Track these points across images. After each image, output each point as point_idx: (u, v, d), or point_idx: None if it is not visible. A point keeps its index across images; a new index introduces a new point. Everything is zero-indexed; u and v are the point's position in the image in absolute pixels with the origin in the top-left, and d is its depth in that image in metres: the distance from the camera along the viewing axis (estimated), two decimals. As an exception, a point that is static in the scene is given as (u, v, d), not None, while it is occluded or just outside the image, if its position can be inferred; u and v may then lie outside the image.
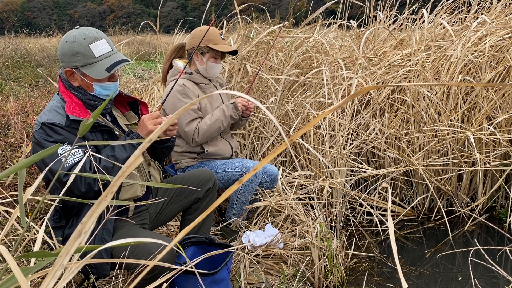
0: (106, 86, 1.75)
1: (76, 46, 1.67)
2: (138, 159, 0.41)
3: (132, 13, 58.14)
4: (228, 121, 2.49)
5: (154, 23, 3.80)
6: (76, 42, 1.67)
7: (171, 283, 1.83)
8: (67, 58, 1.70)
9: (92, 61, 1.69)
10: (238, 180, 2.08)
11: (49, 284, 0.47)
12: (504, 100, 3.33)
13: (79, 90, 1.75)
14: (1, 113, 3.48)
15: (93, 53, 1.68)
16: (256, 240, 2.39)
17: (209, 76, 2.58)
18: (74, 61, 1.69)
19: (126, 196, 1.83)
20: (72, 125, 1.67)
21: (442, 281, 2.55)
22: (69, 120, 1.67)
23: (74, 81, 1.74)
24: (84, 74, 1.71)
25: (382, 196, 3.29)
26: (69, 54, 1.68)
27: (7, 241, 2.01)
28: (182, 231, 0.47)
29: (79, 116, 1.68)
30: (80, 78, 1.73)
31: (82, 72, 1.71)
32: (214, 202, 2.26)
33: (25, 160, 0.71)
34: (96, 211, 0.42)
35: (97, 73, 1.69)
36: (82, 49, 1.67)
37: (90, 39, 1.68)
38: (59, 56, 1.74)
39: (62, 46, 1.71)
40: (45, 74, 5.85)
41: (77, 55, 1.68)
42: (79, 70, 1.71)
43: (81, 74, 1.71)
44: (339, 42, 4.21)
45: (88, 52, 1.68)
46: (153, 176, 1.97)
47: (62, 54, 1.71)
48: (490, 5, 3.94)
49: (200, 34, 2.51)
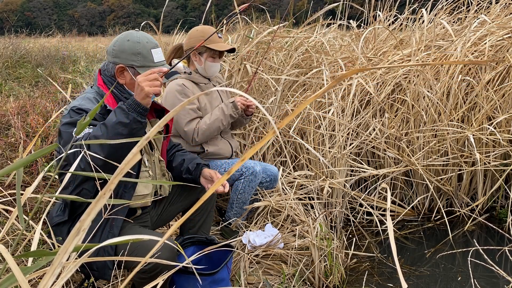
0: None
1: (139, 47, 1.73)
2: (136, 157, 0.41)
3: (132, 13, 58.16)
4: (228, 120, 2.48)
5: (154, 23, 3.80)
6: (140, 44, 1.73)
7: (171, 283, 1.83)
8: (125, 55, 1.73)
9: (150, 65, 1.75)
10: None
11: (48, 282, 0.47)
12: (504, 100, 3.33)
13: (118, 87, 1.78)
14: (1, 113, 3.48)
15: (153, 58, 1.75)
16: (256, 240, 2.39)
17: (208, 75, 2.58)
18: (132, 60, 1.73)
19: (137, 205, 1.87)
20: (104, 116, 1.68)
21: (442, 281, 2.55)
22: (105, 110, 1.69)
23: (122, 78, 1.78)
24: (136, 74, 1.75)
25: (382, 196, 3.29)
26: (129, 52, 1.72)
27: (9, 239, 2.01)
28: (175, 224, 0.47)
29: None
30: (130, 77, 1.76)
31: (135, 72, 1.75)
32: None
33: (22, 159, 0.71)
34: (94, 209, 0.42)
35: None
36: (145, 52, 1.73)
37: (152, 44, 1.76)
38: (115, 52, 1.75)
39: (123, 43, 1.74)
40: (45, 74, 5.85)
41: (138, 55, 1.73)
42: (133, 70, 1.75)
43: (133, 73, 1.75)
44: (339, 42, 4.21)
45: (149, 56, 1.74)
46: (163, 186, 2.00)
47: (120, 51, 1.74)
48: (489, 5, 3.94)
49: (197, 34, 2.51)
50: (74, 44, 11.25)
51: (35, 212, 2.41)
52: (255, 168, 2.49)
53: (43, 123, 3.25)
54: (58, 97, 4.31)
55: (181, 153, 2.12)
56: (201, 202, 0.47)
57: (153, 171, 1.92)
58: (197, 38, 2.50)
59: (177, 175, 2.07)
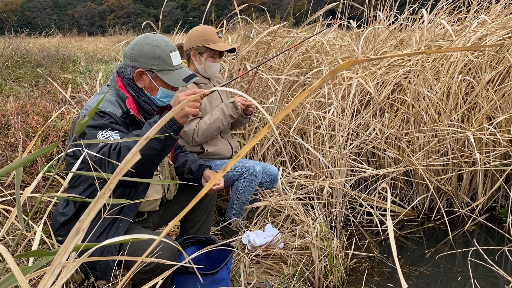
0: (169, 94, 1.81)
1: (159, 51, 1.72)
2: (135, 156, 0.41)
3: (132, 13, 58.15)
4: (228, 120, 2.48)
5: (154, 23, 3.80)
6: (159, 47, 1.73)
7: (171, 283, 1.83)
8: (144, 59, 1.73)
9: (169, 68, 1.75)
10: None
11: (48, 282, 0.47)
12: (504, 100, 3.33)
13: (137, 90, 1.78)
14: (1, 113, 3.48)
15: (172, 61, 1.75)
16: (256, 240, 2.39)
17: (208, 75, 2.59)
18: (151, 64, 1.73)
19: (146, 209, 1.88)
20: (126, 120, 1.70)
21: (442, 281, 2.54)
22: (127, 114, 1.70)
23: (141, 82, 1.77)
24: (156, 78, 1.75)
25: (382, 196, 3.29)
26: (148, 56, 1.72)
27: (9, 239, 2.01)
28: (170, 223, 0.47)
29: (136, 115, 1.73)
30: (149, 81, 1.76)
31: (155, 76, 1.75)
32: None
33: (21, 159, 0.71)
34: (94, 209, 0.42)
35: (175, 81, 1.75)
36: (164, 55, 1.73)
37: (170, 47, 1.76)
38: (134, 55, 1.75)
39: (142, 47, 1.73)
40: (45, 74, 5.85)
41: (157, 59, 1.72)
42: (153, 74, 1.75)
43: (152, 77, 1.75)
44: (339, 42, 4.21)
45: (168, 59, 1.74)
46: (170, 191, 2.02)
47: (139, 55, 1.73)
48: (490, 5, 3.94)
49: (197, 34, 2.51)
50: (74, 44, 11.25)
51: (34, 212, 2.41)
52: (255, 168, 2.49)
53: (43, 123, 3.25)
54: (58, 97, 4.31)
55: (183, 154, 2.13)
56: (196, 200, 0.47)
57: (163, 175, 1.94)
58: (197, 38, 2.51)
59: (179, 175, 2.07)
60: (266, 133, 0.50)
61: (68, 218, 1.75)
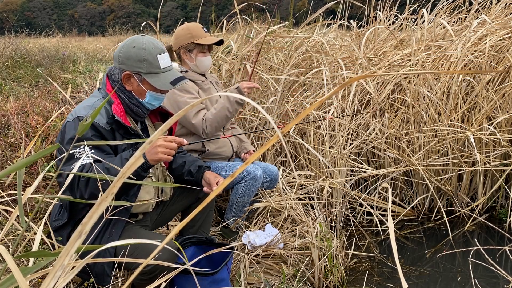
0: (157, 97, 1.80)
1: (145, 54, 1.71)
2: (138, 161, 0.41)
3: (132, 13, 58.12)
4: (235, 107, 2.43)
5: (154, 23, 3.80)
6: (146, 50, 1.71)
7: (171, 283, 1.83)
8: (131, 62, 1.72)
9: (156, 71, 1.74)
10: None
11: (50, 284, 0.47)
12: (504, 100, 3.33)
13: (127, 93, 1.77)
14: (1, 113, 3.48)
15: (159, 64, 1.73)
16: (256, 240, 2.39)
17: (201, 71, 2.59)
18: (138, 67, 1.72)
19: (138, 210, 1.86)
20: (113, 125, 1.69)
21: (442, 281, 2.55)
22: (112, 120, 1.69)
23: (129, 85, 1.77)
24: (143, 81, 1.74)
25: (382, 196, 3.29)
26: (135, 59, 1.71)
27: (7, 241, 2.01)
28: (175, 228, 0.47)
29: (122, 119, 1.71)
30: (136, 84, 1.75)
31: (142, 79, 1.74)
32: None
33: (23, 160, 0.71)
34: (96, 212, 0.42)
35: (162, 84, 1.74)
36: (150, 58, 1.72)
37: (158, 50, 1.74)
38: (121, 58, 1.74)
39: (129, 50, 1.72)
40: (45, 74, 5.84)
41: (144, 62, 1.71)
42: (140, 77, 1.74)
43: (140, 80, 1.74)
44: (339, 42, 4.21)
45: (155, 62, 1.73)
46: (165, 191, 2.00)
47: (126, 58, 1.72)
48: (490, 5, 3.94)
49: (182, 33, 2.52)
50: (74, 44, 11.24)
51: (35, 213, 2.41)
52: (256, 173, 2.48)
53: (43, 123, 3.25)
54: (58, 97, 4.31)
55: (181, 155, 2.11)
56: (202, 206, 0.48)
57: (156, 177, 1.92)
58: (184, 36, 2.51)
59: (178, 176, 2.06)
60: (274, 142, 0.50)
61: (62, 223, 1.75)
